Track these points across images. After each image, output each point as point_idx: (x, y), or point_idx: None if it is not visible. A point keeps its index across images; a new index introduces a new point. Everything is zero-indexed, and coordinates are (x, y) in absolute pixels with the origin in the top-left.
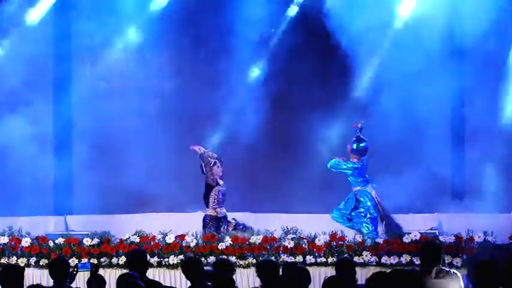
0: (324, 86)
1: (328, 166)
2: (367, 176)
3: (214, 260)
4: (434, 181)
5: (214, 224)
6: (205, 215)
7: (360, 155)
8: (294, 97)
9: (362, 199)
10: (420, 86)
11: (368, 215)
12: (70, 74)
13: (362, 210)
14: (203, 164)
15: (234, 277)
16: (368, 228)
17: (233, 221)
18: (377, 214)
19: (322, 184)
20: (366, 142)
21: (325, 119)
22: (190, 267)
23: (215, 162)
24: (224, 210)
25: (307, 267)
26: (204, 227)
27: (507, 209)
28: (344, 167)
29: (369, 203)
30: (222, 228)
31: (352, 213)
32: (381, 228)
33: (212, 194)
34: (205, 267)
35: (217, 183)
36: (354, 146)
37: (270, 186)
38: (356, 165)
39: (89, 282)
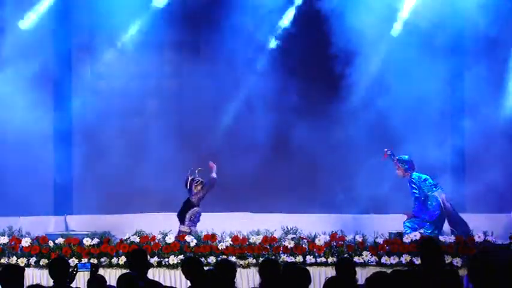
0: (323, 85)
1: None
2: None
3: (215, 261)
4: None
5: None
6: (179, 230)
7: (413, 169)
8: (295, 98)
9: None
10: (420, 82)
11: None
12: (70, 72)
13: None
14: (193, 180)
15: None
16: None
17: None
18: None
19: (321, 185)
20: (406, 158)
21: (324, 119)
22: (190, 267)
23: (205, 184)
24: (197, 229)
25: (307, 267)
26: None
27: (507, 209)
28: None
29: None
30: None
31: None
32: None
33: (190, 212)
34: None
35: (198, 205)
36: (404, 167)
37: (269, 186)
38: (416, 174)
39: (89, 282)
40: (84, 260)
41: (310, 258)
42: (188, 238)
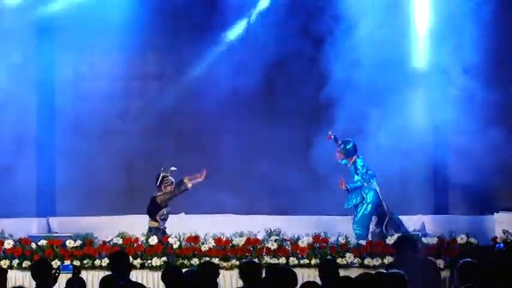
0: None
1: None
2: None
3: (198, 262)
4: (416, 182)
5: (158, 234)
6: (150, 226)
7: (354, 154)
8: (285, 102)
9: (365, 195)
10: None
11: (363, 212)
12: (53, 75)
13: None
14: (164, 177)
15: (217, 279)
16: (359, 228)
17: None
18: (379, 211)
19: (312, 186)
20: (351, 141)
21: (317, 122)
22: (170, 275)
23: (174, 188)
24: (166, 225)
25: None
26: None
27: (490, 211)
28: (357, 177)
29: (370, 199)
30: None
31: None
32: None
33: (159, 214)
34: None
35: (166, 205)
36: (344, 152)
37: (251, 188)
38: (360, 160)
39: (68, 283)
40: (67, 262)
41: (293, 260)
42: (171, 240)
